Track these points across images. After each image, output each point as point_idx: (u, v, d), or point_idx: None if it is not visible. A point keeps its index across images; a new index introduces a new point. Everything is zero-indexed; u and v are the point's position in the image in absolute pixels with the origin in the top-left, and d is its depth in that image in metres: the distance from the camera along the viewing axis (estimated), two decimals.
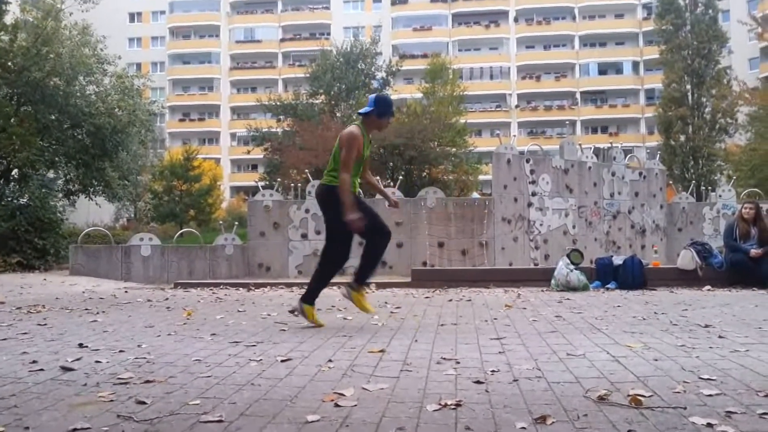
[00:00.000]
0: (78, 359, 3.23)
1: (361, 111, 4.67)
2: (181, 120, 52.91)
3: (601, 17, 51.01)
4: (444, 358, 3.18)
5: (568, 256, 8.22)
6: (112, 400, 2.39)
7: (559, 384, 2.59)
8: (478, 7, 51.48)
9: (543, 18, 51.25)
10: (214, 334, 4.12)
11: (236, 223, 15.16)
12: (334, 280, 4.78)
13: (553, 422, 2.06)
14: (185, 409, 2.27)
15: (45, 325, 4.79)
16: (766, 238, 8.02)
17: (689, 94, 31.36)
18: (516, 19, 51.48)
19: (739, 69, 36.30)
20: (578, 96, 50.31)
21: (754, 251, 7.85)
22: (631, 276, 7.92)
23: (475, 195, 19.58)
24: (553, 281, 7.89)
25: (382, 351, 3.40)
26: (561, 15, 51.55)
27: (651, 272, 8.27)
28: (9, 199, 16.02)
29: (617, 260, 8.25)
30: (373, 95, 4.72)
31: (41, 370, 2.98)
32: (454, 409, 2.23)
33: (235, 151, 50.78)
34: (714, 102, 30.64)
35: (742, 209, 8.43)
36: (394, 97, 30.99)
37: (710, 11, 31.81)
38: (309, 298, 4.56)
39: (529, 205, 11.61)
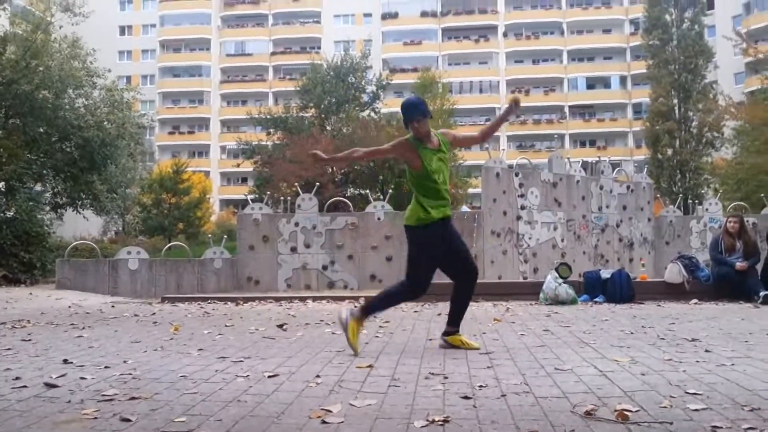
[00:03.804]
0: (62, 376, 3.19)
1: None
2: (170, 133, 52.78)
3: (589, 32, 51.59)
4: (432, 373, 3.18)
5: (556, 269, 8.25)
6: (96, 418, 2.36)
7: (546, 399, 2.60)
8: (468, 22, 51.93)
9: (532, 33, 51.75)
10: (201, 350, 4.09)
11: (225, 236, 15.09)
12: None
13: None
14: (171, 426, 2.25)
15: (29, 340, 4.74)
16: (751, 251, 8.10)
17: (676, 108, 31.72)
18: (505, 34, 51.96)
19: (725, 84, 36.77)
20: (567, 110, 50.72)
21: (740, 264, 7.91)
22: (618, 289, 7.95)
23: (465, 208, 19.60)
24: (541, 295, 7.91)
25: (370, 366, 3.39)
26: (549, 30, 52.11)
27: (639, 286, 8.31)
28: None
29: (605, 274, 8.29)
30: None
31: (24, 387, 2.95)
32: (441, 425, 2.23)
33: (225, 164, 50.70)
34: (700, 116, 30.99)
35: (726, 223, 8.51)
36: (384, 110, 31.39)
37: (696, 27, 32.26)
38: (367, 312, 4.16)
39: (518, 218, 11.66)
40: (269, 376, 3.13)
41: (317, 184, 14.04)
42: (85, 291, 11.39)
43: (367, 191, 18.75)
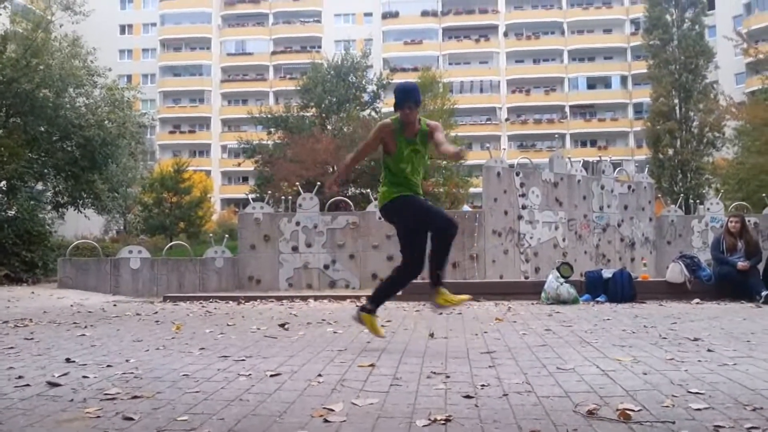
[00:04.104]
0: (65, 374, 3.20)
1: None
2: (171, 132, 52.79)
3: (590, 32, 51.55)
4: (434, 373, 3.18)
5: (557, 269, 8.25)
6: (98, 416, 2.36)
7: (548, 398, 2.60)
8: (468, 21, 51.92)
9: (532, 33, 51.73)
10: (202, 349, 4.09)
11: (226, 235, 15.11)
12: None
13: None
14: (173, 425, 2.26)
15: (32, 339, 4.74)
16: (752, 250, 8.10)
17: (677, 108, 31.70)
18: (506, 34, 51.93)
19: (726, 84, 36.75)
20: (567, 110, 50.69)
21: (742, 264, 7.90)
22: (620, 289, 7.95)
23: (466, 208, 19.63)
24: (543, 294, 7.91)
25: (372, 365, 3.39)
26: (550, 30, 52.08)
27: (640, 285, 8.31)
28: None
29: (607, 273, 8.28)
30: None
31: (27, 385, 2.95)
32: (443, 424, 2.23)
33: (226, 164, 50.70)
34: (701, 116, 30.99)
35: (727, 223, 8.51)
36: (384, 110, 31.38)
37: (697, 27, 32.25)
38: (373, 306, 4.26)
39: (520, 218, 11.66)
40: (271, 375, 3.13)
41: (318, 183, 14.04)
42: (86, 290, 11.40)
43: (368, 190, 18.74)
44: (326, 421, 2.28)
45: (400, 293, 4.68)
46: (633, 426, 2.18)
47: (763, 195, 14.46)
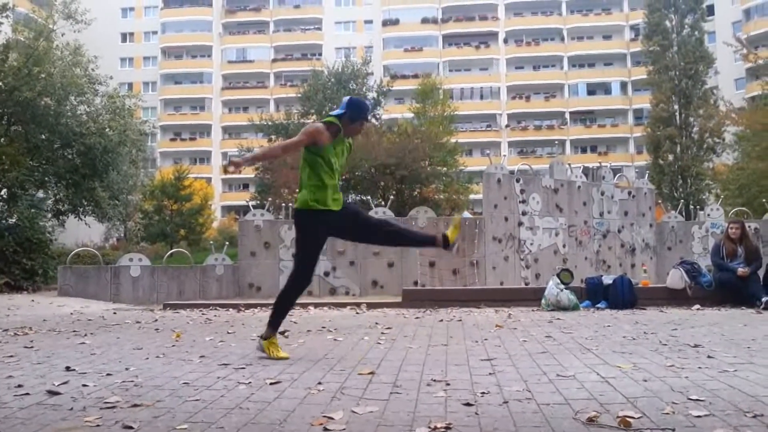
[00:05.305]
0: (65, 383, 3.19)
1: (333, 113, 4.09)
2: (172, 139, 52.87)
3: (590, 38, 51.72)
4: (434, 380, 3.17)
5: (558, 275, 8.24)
6: (98, 425, 2.36)
7: (548, 406, 2.59)
8: (468, 28, 52.09)
9: (532, 39, 51.90)
10: (202, 357, 4.08)
11: (227, 243, 15.11)
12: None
13: None
14: None
15: (32, 347, 4.74)
16: (752, 256, 8.09)
17: (677, 114, 31.75)
18: (505, 41, 52.10)
19: (726, 89, 36.83)
20: (567, 116, 50.78)
21: (741, 270, 7.89)
22: (620, 295, 7.93)
23: (466, 214, 19.60)
24: (543, 301, 7.90)
25: (371, 373, 3.39)
26: (550, 36, 52.24)
27: (641, 291, 8.29)
28: None
29: (607, 280, 8.27)
30: (347, 97, 4.19)
31: (27, 394, 2.95)
32: None
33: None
34: (701, 122, 31.02)
35: (727, 229, 8.50)
36: (385, 117, 31.46)
37: (696, 33, 32.34)
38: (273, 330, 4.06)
39: (520, 224, 11.66)
40: (271, 383, 3.13)
41: None
42: (86, 298, 11.40)
43: (368, 197, 18.75)
44: (326, 429, 2.28)
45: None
46: None
47: (764, 200, 14.46)
